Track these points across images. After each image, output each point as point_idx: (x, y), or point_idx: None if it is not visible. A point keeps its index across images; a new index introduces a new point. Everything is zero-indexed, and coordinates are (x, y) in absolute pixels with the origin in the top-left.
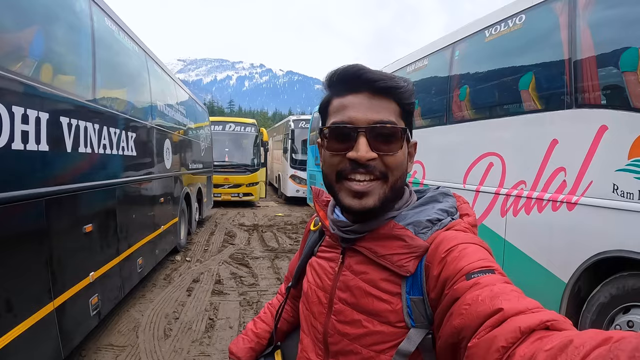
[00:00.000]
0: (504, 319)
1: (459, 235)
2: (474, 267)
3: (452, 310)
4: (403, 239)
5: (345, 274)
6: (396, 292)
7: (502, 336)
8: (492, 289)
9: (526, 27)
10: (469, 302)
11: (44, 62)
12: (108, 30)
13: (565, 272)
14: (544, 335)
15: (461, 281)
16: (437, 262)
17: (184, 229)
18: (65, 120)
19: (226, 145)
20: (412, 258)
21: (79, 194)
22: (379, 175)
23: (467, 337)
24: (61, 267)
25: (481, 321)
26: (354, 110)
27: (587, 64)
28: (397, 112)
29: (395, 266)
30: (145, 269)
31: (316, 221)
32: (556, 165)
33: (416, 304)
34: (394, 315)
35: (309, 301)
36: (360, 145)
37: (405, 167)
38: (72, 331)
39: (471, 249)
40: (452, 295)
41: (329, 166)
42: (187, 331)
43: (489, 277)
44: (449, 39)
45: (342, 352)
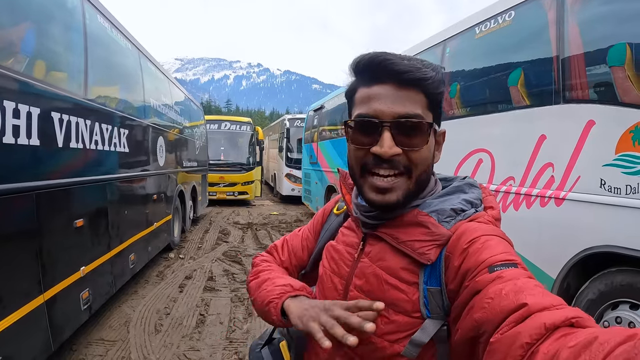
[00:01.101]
0: (528, 315)
1: (481, 227)
2: (497, 260)
3: (472, 302)
4: (426, 225)
5: (364, 261)
6: (413, 282)
7: (526, 332)
8: (515, 283)
9: (515, 23)
10: (492, 295)
11: (35, 58)
12: (100, 28)
13: (553, 268)
14: (568, 332)
15: (483, 273)
16: (458, 252)
17: (177, 226)
18: (57, 116)
19: (221, 143)
20: (434, 246)
21: (69, 189)
22: (403, 170)
23: (488, 332)
24: (51, 260)
25: (504, 316)
26: (379, 103)
27: (575, 59)
28: (424, 103)
29: (416, 253)
30: (137, 266)
31: (340, 205)
32: (544, 161)
33: (433, 295)
34: (410, 305)
35: (324, 287)
36: (384, 140)
37: (430, 160)
38: (63, 325)
39: (494, 241)
40: (473, 288)
41: (353, 159)
42: (178, 326)
43: (512, 270)
44: (439, 36)
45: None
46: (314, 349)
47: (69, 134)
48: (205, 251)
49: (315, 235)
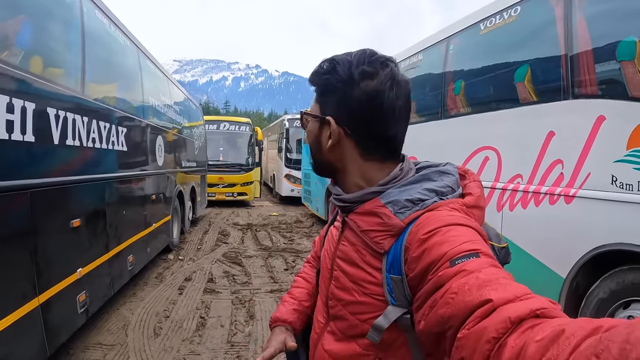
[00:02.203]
0: (493, 309)
1: (442, 216)
2: (458, 251)
3: (435, 297)
4: (380, 216)
5: (344, 243)
6: (377, 267)
7: (492, 327)
8: (478, 276)
9: (522, 18)
10: (455, 290)
11: (31, 52)
12: (99, 23)
13: (563, 267)
14: (534, 324)
15: (445, 267)
16: (417, 244)
17: (176, 227)
18: (53, 112)
19: (220, 144)
20: (387, 236)
21: (66, 188)
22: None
23: (454, 327)
24: (47, 262)
25: (469, 311)
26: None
27: (584, 53)
28: (315, 98)
29: (372, 242)
30: (136, 267)
31: None
32: (553, 158)
33: (396, 283)
34: (376, 288)
35: (322, 266)
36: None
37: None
38: (58, 328)
39: (455, 231)
40: (436, 282)
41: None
42: (178, 330)
43: (473, 261)
44: (443, 33)
45: (336, 316)
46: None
47: (65, 131)
48: (204, 252)
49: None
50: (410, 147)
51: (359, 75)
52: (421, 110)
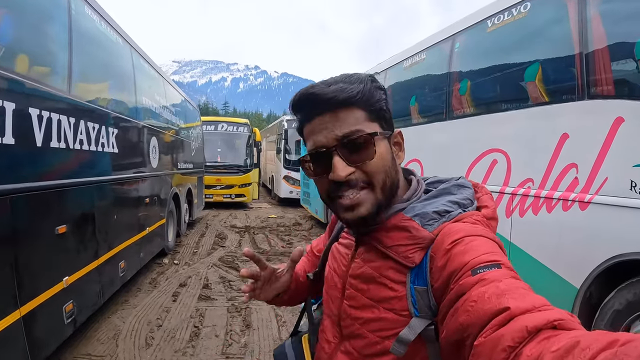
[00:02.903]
0: (511, 318)
1: (465, 228)
2: (480, 261)
3: (457, 306)
4: (408, 230)
5: (357, 261)
6: (401, 281)
7: (509, 335)
8: (498, 285)
9: (532, 15)
10: (475, 299)
11: (11, 49)
12: (88, 20)
13: (577, 278)
14: (551, 335)
15: (467, 276)
16: (441, 253)
17: (172, 230)
18: (35, 112)
19: (218, 145)
20: (418, 249)
21: (50, 193)
22: (364, 186)
23: (472, 335)
24: (29, 271)
25: (487, 319)
26: (321, 134)
27: (599, 51)
28: (363, 117)
29: (401, 257)
30: (128, 273)
31: None
32: (567, 162)
33: (420, 294)
34: (399, 302)
35: (328, 285)
36: (335, 165)
37: (389, 166)
38: (43, 341)
39: (478, 242)
40: (458, 291)
41: (320, 190)
42: (170, 340)
43: (495, 272)
44: (448, 31)
45: (352, 335)
46: (321, 342)
47: (50, 133)
48: (200, 256)
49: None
50: (414, 149)
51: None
52: (425, 110)
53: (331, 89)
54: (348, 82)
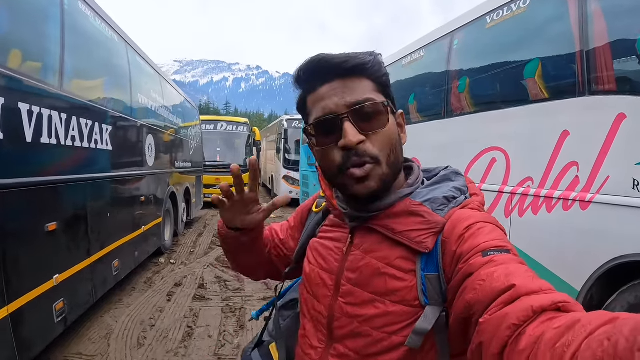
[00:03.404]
0: (517, 297)
1: (476, 214)
2: (491, 245)
3: (465, 284)
4: (422, 215)
5: (355, 254)
6: (410, 269)
7: (514, 314)
8: (507, 266)
9: (531, 10)
10: (484, 277)
11: (1, 43)
12: (81, 15)
13: (577, 279)
14: (554, 316)
15: (477, 257)
16: (455, 238)
17: (169, 230)
18: (25, 107)
19: (218, 144)
20: (431, 234)
21: (39, 189)
22: (371, 160)
23: (478, 312)
24: (17, 269)
25: (494, 297)
26: (330, 100)
27: (600, 46)
28: (372, 87)
29: (414, 242)
30: (122, 272)
31: (319, 202)
32: (567, 160)
33: (431, 281)
34: (409, 293)
35: (312, 284)
36: (347, 130)
37: (396, 141)
38: (32, 339)
39: (488, 228)
40: (467, 271)
41: (326, 162)
42: (163, 340)
43: (504, 256)
44: (447, 27)
45: (351, 335)
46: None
47: (40, 129)
48: (197, 256)
49: (300, 229)
50: (412, 148)
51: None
52: (423, 108)
53: (342, 56)
54: (358, 53)
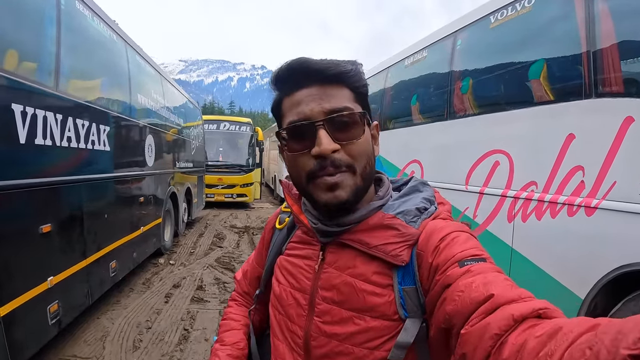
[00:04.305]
0: (497, 306)
1: (449, 224)
2: (467, 254)
3: (444, 296)
4: (396, 227)
5: (328, 271)
6: (387, 284)
7: (495, 324)
8: (485, 276)
9: (536, 9)
10: (462, 288)
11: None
12: (79, 15)
13: (582, 287)
14: (535, 323)
15: (453, 268)
16: (430, 250)
17: (169, 230)
18: (18, 108)
19: (220, 144)
20: (406, 247)
21: (32, 191)
22: (346, 169)
23: (459, 323)
24: (9, 271)
25: (474, 307)
26: (307, 105)
27: (607, 47)
28: (350, 97)
29: (389, 256)
30: (119, 274)
31: (281, 218)
32: (573, 164)
33: (409, 294)
34: (388, 307)
35: (283, 304)
36: (321, 138)
37: (371, 152)
38: (24, 342)
39: (463, 237)
40: (444, 282)
41: (295, 169)
42: (159, 343)
43: (481, 265)
44: (450, 27)
45: (330, 354)
46: None
47: (34, 129)
48: (197, 257)
49: (260, 254)
50: (413, 150)
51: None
52: (425, 110)
53: (324, 62)
54: (339, 61)
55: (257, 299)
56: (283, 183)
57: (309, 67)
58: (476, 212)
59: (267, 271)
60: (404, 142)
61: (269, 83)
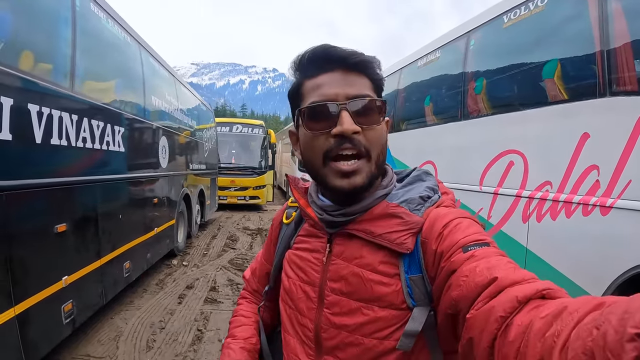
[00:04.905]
0: (501, 289)
1: (452, 211)
2: (470, 240)
3: (449, 282)
4: (400, 216)
5: (336, 263)
6: (394, 273)
7: (500, 306)
8: (489, 260)
9: (549, 8)
10: (467, 273)
11: (12, 45)
12: (94, 17)
13: (597, 288)
14: (540, 304)
15: (458, 254)
16: (434, 237)
17: (182, 232)
18: (35, 109)
19: (232, 146)
20: (410, 235)
21: (48, 190)
22: (364, 151)
23: (465, 308)
24: (25, 270)
25: (478, 292)
26: (330, 87)
27: (621, 45)
28: (370, 86)
29: (394, 244)
30: (133, 274)
31: (288, 213)
32: (587, 163)
33: (415, 283)
34: (396, 296)
35: (293, 298)
36: (344, 118)
37: (385, 141)
38: (39, 340)
39: (465, 223)
40: (449, 268)
41: (312, 149)
42: (172, 343)
43: (484, 249)
44: (463, 28)
45: (340, 345)
46: None
47: (50, 130)
48: (210, 258)
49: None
50: (427, 151)
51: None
52: (439, 111)
53: (349, 50)
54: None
55: (266, 295)
56: (290, 177)
57: (334, 53)
58: (491, 212)
59: (276, 266)
60: (417, 143)
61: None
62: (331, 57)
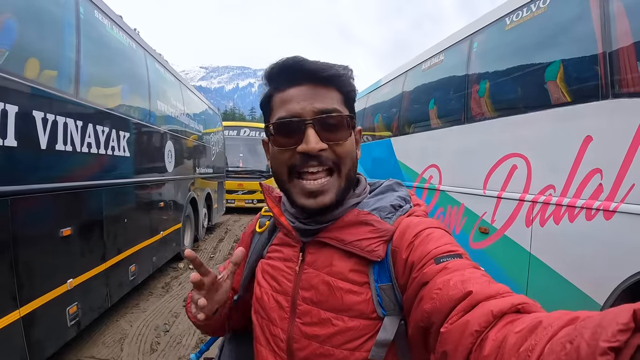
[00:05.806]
0: (476, 303)
1: (424, 220)
2: (442, 251)
3: (421, 294)
4: (371, 223)
5: (308, 272)
6: (364, 282)
7: (475, 320)
8: (463, 273)
9: (552, 10)
10: (440, 286)
11: (17, 53)
12: (98, 24)
13: (600, 293)
14: (515, 319)
15: (430, 265)
16: (405, 246)
17: (189, 235)
18: (40, 115)
19: (240, 150)
20: (381, 242)
21: (53, 195)
22: (332, 166)
23: (438, 322)
24: (30, 273)
25: (452, 305)
26: (298, 103)
27: (623, 47)
28: (339, 100)
29: (365, 252)
30: (138, 277)
31: (261, 222)
32: (591, 167)
33: (385, 292)
34: (366, 306)
35: (265, 307)
36: (309, 137)
37: (354, 155)
38: (43, 342)
39: (437, 233)
40: (421, 280)
41: (278, 163)
42: (176, 346)
43: (457, 261)
44: (466, 30)
45: (312, 356)
46: None
47: (55, 136)
48: (217, 261)
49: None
50: (431, 155)
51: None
52: (442, 114)
53: (319, 63)
54: (333, 64)
55: (235, 304)
56: (263, 186)
57: (304, 66)
58: (494, 216)
59: (247, 276)
60: (422, 146)
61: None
62: (301, 70)
